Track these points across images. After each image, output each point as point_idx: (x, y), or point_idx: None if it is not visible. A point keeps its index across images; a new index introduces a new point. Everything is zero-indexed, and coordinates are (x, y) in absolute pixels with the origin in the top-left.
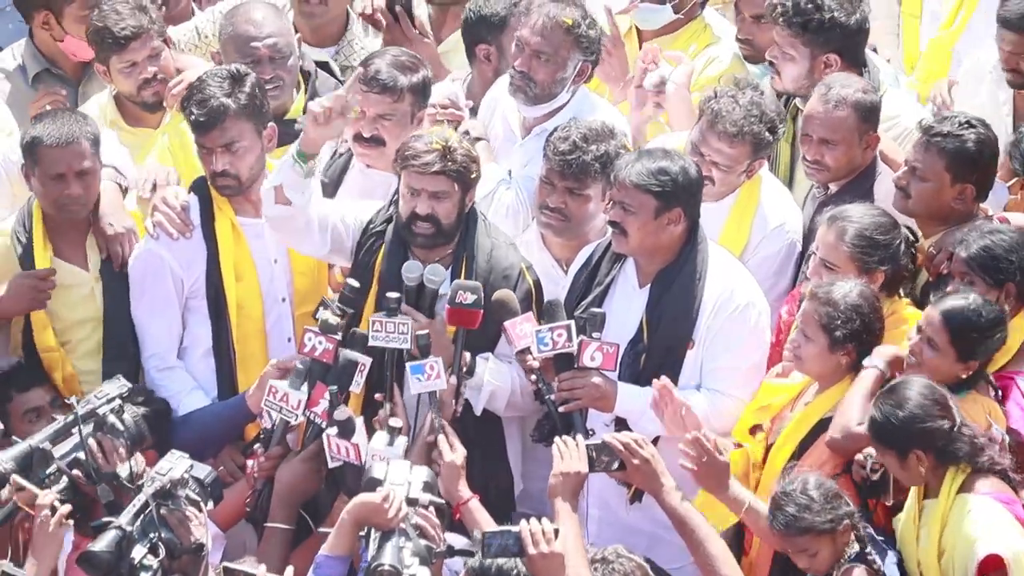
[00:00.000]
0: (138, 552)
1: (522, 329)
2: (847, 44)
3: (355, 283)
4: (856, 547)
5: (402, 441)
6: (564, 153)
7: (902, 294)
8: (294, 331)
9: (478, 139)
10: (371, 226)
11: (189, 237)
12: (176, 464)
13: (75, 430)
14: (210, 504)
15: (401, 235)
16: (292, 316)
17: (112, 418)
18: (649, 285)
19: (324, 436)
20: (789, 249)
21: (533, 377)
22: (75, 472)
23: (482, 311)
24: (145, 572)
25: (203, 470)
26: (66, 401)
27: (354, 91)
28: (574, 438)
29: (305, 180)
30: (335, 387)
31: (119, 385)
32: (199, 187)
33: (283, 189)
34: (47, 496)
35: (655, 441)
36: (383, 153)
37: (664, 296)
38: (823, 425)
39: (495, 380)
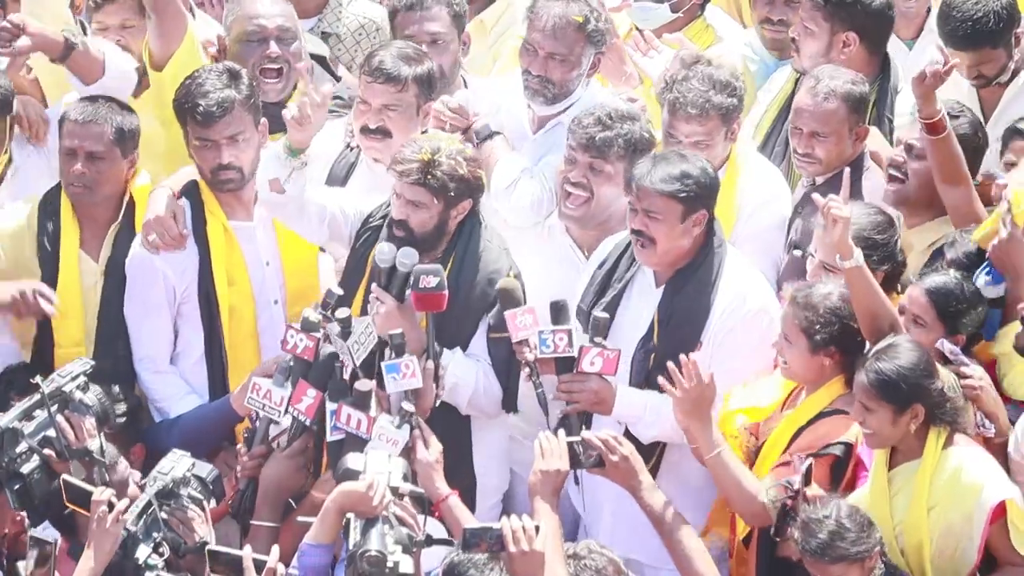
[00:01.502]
0: (142, 552)
1: (522, 320)
2: (868, 24)
3: (338, 291)
4: (881, 569)
5: (407, 428)
6: (588, 126)
7: (900, 290)
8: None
9: (496, 133)
10: (370, 219)
11: (184, 248)
12: (178, 463)
13: (41, 409)
14: (212, 502)
15: None
16: (285, 318)
17: (78, 394)
18: (664, 285)
19: (336, 405)
20: (779, 223)
21: (527, 370)
22: (46, 451)
23: (446, 293)
24: (150, 572)
25: (204, 468)
26: (31, 380)
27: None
28: (555, 434)
29: (296, 173)
30: (340, 364)
31: (83, 363)
32: (190, 191)
33: (277, 181)
34: (104, 493)
35: (663, 448)
36: (390, 146)
37: (677, 297)
38: (816, 420)
39: (458, 374)
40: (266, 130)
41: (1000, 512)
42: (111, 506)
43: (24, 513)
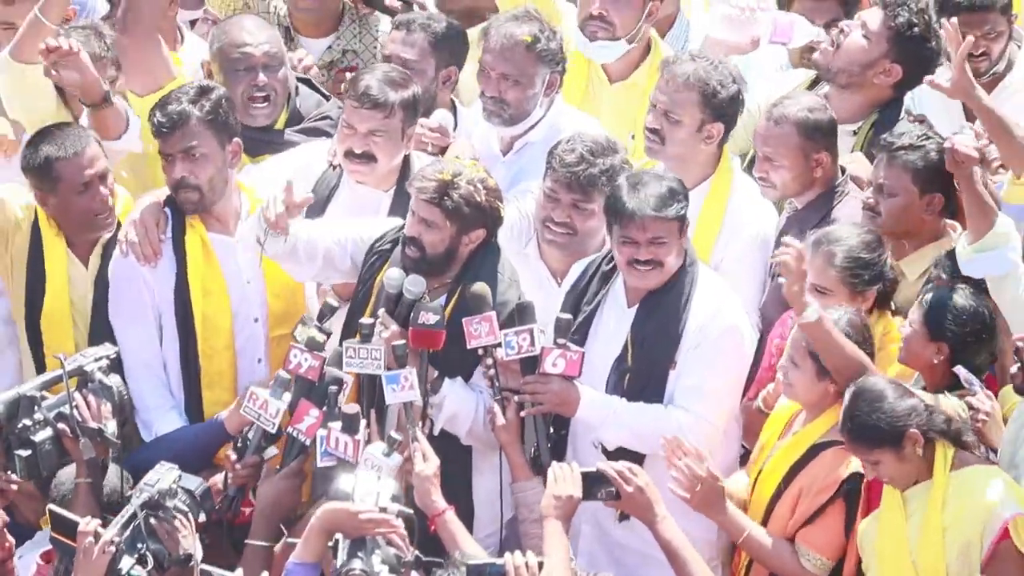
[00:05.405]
0: (126, 563)
1: (477, 329)
2: (916, 69)
3: (334, 303)
4: None
5: (398, 457)
6: (571, 165)
7: (894, 307)
8: (266, 352)
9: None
10: (376, 244)
11: (154, 265)
12: (164, 475)
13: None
14: (202, 516)
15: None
16: (265, 337)
17: (99, 375)
18: (636, 306)
19: (325, 429)
20: (762, 243)
21: (491, 373)
22: (60, 425)
23: (444, 333)
24: None
25: (193, 482)
26: (55, 356)
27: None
28: (569, 464)
29: (271, 240)
30: (335, 387)
31: (106, 347)
32: (172, 201)
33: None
34: (90, 524)
35: (641, 461)
36: (374, 169)
37: (650, 317)
38: (812, 453)
39: (458, 403)
40: (239, 149)
41: (1006, 533)
42: (97, 536)
43: (12, 541)
